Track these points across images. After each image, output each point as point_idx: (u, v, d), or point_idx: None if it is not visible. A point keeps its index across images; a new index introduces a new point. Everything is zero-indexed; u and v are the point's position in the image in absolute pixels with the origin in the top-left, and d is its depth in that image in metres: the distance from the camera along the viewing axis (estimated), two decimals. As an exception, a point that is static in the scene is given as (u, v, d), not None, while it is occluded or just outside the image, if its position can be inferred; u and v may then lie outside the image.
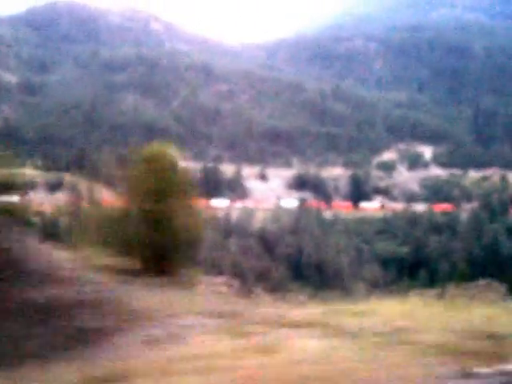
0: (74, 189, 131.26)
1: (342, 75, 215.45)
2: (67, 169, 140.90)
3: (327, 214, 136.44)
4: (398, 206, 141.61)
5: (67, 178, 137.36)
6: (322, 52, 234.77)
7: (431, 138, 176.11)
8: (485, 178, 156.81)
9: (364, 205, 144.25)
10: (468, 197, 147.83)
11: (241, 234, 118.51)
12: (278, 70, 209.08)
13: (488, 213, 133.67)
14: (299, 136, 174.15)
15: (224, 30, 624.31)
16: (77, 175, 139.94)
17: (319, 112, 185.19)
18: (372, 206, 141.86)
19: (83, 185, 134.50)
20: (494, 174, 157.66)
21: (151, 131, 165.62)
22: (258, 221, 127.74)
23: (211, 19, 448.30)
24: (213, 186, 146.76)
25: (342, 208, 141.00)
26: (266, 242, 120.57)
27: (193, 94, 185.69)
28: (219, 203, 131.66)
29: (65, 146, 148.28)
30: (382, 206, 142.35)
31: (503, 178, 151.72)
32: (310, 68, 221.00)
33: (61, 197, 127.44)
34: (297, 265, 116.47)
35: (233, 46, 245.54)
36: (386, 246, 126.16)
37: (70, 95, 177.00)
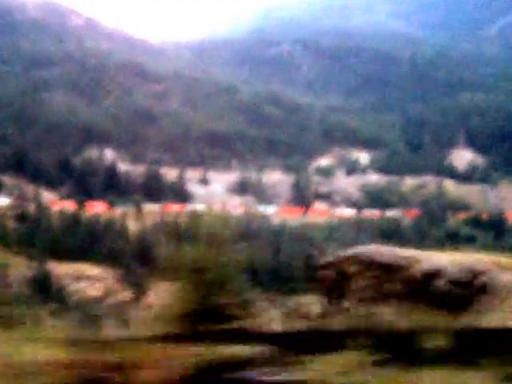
0: (17, 191, 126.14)
1: (271, 79, 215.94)
2: (5, 169, 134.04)
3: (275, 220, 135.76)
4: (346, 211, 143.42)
5: (7, 179, 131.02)
6: (250, 55, 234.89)
7: (365, 143, 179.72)
8: (421, 185, 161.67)
9: (339, 211, 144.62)
10: (406, 203, 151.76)
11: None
12: (208, 71, 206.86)
13: (429, 219, 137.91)
14: (237, 140, 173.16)
15: (144, 27, 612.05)
16: (17, 177, 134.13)
17: (255, 116, 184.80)
18: (347, 213, 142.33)
19: (25, 187, 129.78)
20: (429, 180, 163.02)
21: (86, 132, 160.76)
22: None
23: (131, 15, 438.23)
24: (155, 189, 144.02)
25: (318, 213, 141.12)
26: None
27: (126, 95, 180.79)
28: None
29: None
30: (358, 213, 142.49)
31: (440, 185, 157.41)
32: (239, 71, 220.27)
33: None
34: (251, 270, 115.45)
35: (156, 44, 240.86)
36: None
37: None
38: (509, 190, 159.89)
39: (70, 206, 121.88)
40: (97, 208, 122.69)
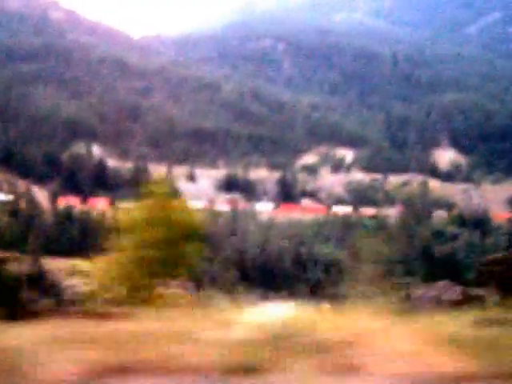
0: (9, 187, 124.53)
1: (253, 75, 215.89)
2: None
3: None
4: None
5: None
6: (232, 50, 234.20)
7: (349, 141, 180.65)
8: (405, 183, 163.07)
9: (335, 209, 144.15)
10: (391, 201, 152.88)
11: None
12: (191, 67, 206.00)
13: (413, 217, 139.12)
14: (222, 136, 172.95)
15: (126, 20, 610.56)
16: (4, 172, 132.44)
17: (238, 112, 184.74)
18: (344, 210, 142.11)
19: (14, 182, 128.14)
20: (412, 179, 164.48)
21: (71, 127, 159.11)
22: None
23: (111, 9, 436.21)
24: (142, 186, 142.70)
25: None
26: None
27: (109, 89, 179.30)
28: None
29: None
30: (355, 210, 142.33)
31: (424, 184, 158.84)
32: (221, 66, 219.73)
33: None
34: (242, 266, 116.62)
35: (138, 38, 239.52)
36: (322, 249, 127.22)
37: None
38: (491, 189, 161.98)
39: (74, 202, 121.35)
40: (99, 204, 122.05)
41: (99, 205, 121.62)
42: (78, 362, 5.09)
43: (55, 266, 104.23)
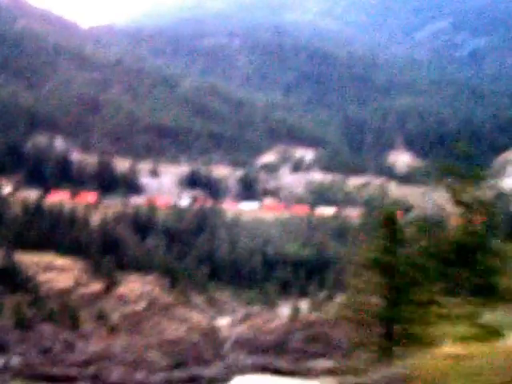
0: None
1: (207, 71, 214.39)
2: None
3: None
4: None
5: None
6: (185, 45, 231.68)
7: (307, 141, 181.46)
8: (365, 184, 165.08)
9: (320, 210, 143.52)
10: (351, 202, 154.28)
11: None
12: (146, 61, 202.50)
13: (375, 218, 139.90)
14: (183, 133, 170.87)
15: (74, 8, 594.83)
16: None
17: (197, 108, 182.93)
18: (327, 212, 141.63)
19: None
20: (371, 180, 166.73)
21: (29, 118, 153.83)
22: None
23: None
24: (107, 180, 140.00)
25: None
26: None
27: (63, 80, 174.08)
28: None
29: None
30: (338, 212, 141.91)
31: (383, 185, 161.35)
32: (175, 61, 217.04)
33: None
34: (213, 264, 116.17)
35: (88, 28, 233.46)
36: (289, 248, 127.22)
37: None
38: (445, 193, 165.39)
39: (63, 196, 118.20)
40: (87, 199, 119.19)
41: (87, 199, 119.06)
42: None
43: (28, 260, 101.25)
